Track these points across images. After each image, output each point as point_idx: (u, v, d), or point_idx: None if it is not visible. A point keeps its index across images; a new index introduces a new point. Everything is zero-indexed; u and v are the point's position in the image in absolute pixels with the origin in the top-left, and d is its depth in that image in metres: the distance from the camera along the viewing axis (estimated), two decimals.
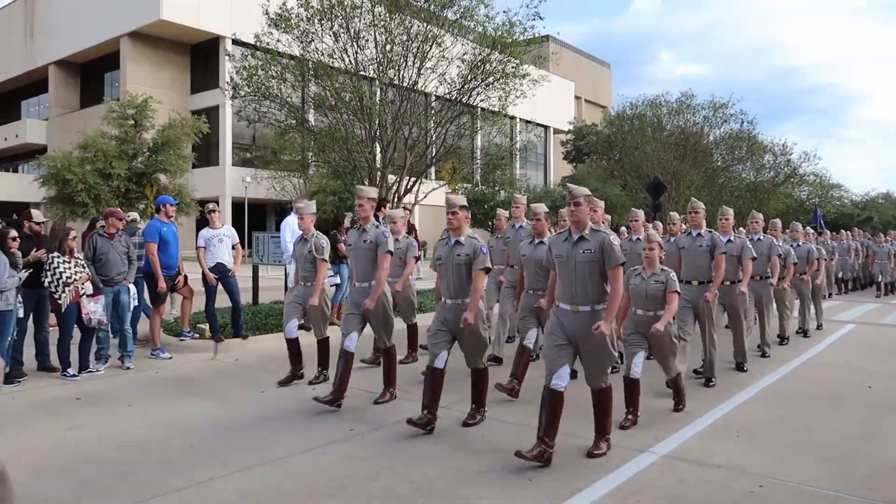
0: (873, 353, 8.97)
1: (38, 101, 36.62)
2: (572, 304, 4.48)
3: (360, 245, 5.91)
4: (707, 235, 6.82)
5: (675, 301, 5.39)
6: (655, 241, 5.53)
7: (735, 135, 30.20)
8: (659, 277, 5.46)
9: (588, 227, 4.51)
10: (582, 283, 4.44)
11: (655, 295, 5.42)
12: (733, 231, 7.66)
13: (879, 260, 18.31)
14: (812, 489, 4.08)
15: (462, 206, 5.29)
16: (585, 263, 4.44)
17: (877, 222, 37.87)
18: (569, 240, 4.57)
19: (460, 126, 17.38)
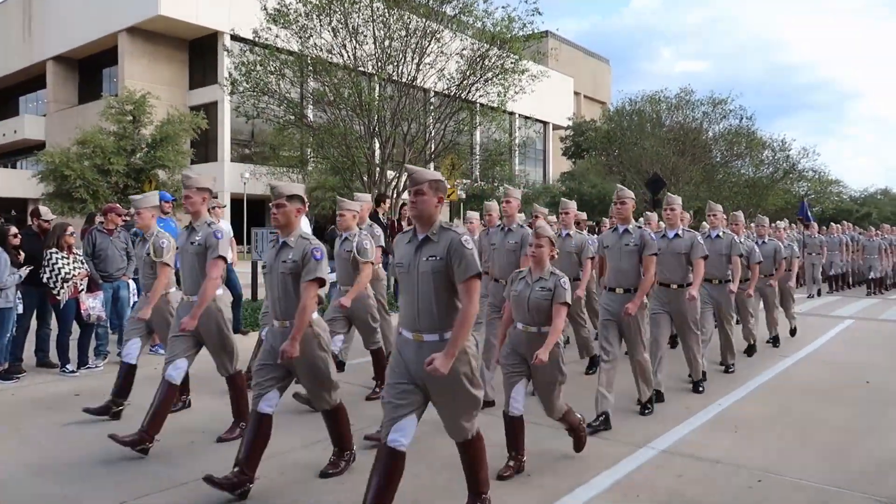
0: (871, 349, 8.99)
1: (36, 97, 36.54)
2: (414, 331, 3.24)
3: (187, 248, 4.69)
4: (636, 232, 5.38)
5: (563, 316, 4.17)
6: (545, 235, 4.30)
7: (734, 130, 30.21)
8: (546, 283, 4.22)
9: (437, 225, 3.27)
10: (426, 302, 3.21)
11: (540, 306, 4.19)
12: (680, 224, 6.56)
13: (869, 255, 17.46)
14: (811, 484, 4.09)
15: (292, 195, 3.96)
16: (429, 274, 3.19)
17: (875, 218, 37.88)
18: (412, 241, 3.31)
19: (459, 122, 17.36)
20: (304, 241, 3.92)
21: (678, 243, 6.00)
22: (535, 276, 4.28)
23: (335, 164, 16.92)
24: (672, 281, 6.05)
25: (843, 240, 17.50)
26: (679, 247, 6.00)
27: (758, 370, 7.32)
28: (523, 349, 4.23)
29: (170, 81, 29.47)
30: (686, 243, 5.99)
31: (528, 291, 4.24)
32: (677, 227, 6.10)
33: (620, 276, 5.38)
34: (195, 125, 23.06)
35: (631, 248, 5.35)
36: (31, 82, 35.78)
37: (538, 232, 4.31)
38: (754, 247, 7.86)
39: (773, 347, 8.73)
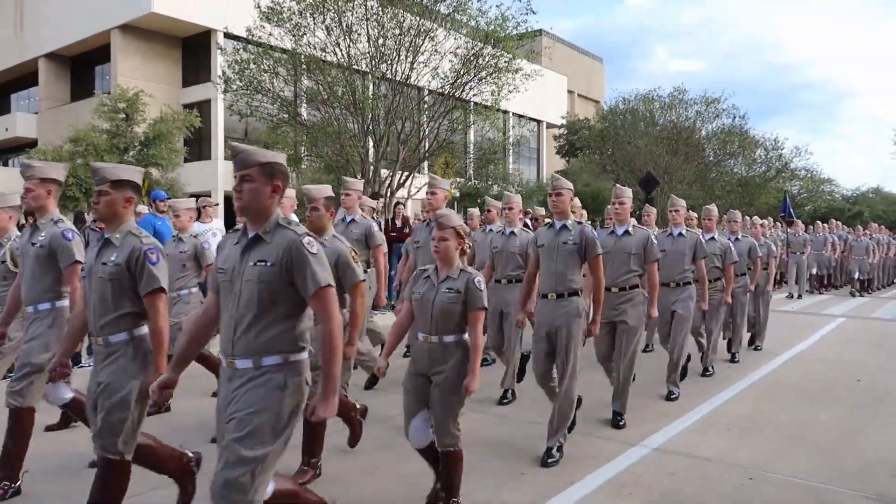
0: (863, 347, 9.05)
1: (29, 95, 36.30)
2: (229, 355, 2.62)
3: (28, 249, 3.92)
4: (576, 228, 4.55)
5: (480, 326, 3.48)
6: (450, 225, 3.53)
7: (727, 129, 30.30)
8: (454, 283, 3.50)
9: (273, 221, 2.61)
10: (247, 319, 2.64)
11: (446, 310, 3.47)
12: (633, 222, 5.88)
13: (857, 255, 16.66)
14: (802, 482, 4.12)
15: (119, 181, 3.20)
16: (254, 283, 2.59)
17: (867, 217, 38.09)
18: (240, 241, 2.67)
19: (453, 120, 17.38)
20: (133, 239, 3.19)
21: (627, 241, 5.24)
22: (441, 274, 3.56)
23: (329, 162, 16.91)
24: (623, 285, 5.20)
25: (830, 239, 16.90)
26: (629, 245, 5.23)
27: (750, 369, 7.36)
28: (423, 364, 3.55)
29: (163, 79, 29.33)
30: (637, 242, 5.23)
31: (433, 293, 3.52)
32: (626, 223, 5.34)
33: (555, 280, 4.52)
34: (188, 123, 22.98)
35: (569, 247, 4.54)
36: (22, 80, 35.53)
37: (441, 222, 3.54)
38: (730, 246, 7.08)
39: (732, 362, 7.73)
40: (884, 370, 7.51)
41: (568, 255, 4.51)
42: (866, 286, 16.92)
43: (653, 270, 5.27)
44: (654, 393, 6.12)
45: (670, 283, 6.14)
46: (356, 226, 5.96)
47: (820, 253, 16.35)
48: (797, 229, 15.63)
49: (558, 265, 4.52)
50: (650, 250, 5.25)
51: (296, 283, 2.52)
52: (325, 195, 4.21)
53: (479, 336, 3.48)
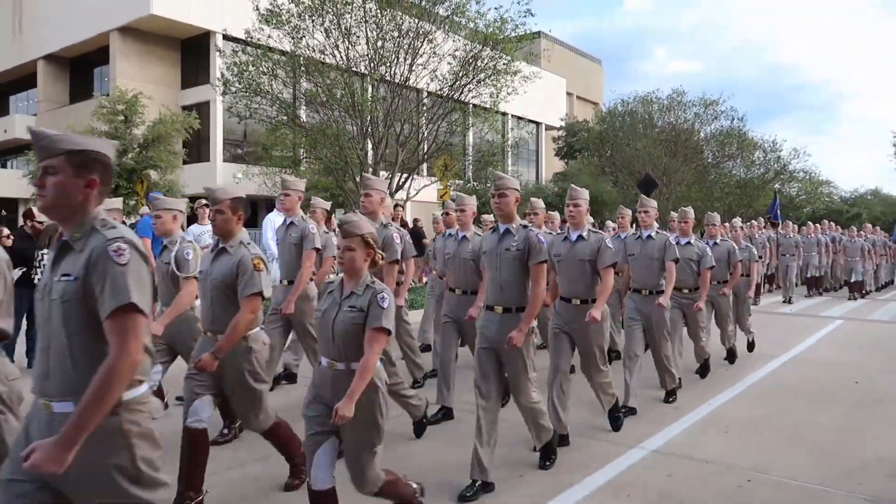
0: (861, 349, 9.06)
1: (27, 96, 36.28)
2: (45, 395, 2.09)
3: None
4: (521, 233, 4.06)
5: (378, 349, 2.96)
6: (356, 233, 3.06)
7: (726, 131, 30.33)
8: (358, 300, 3.02)
9: (88, 226, 2.14)
10: (58, 351, 2.04)
11: (347, 332, 3.01)
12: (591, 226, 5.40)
13: (851, 257, 15.91)
14: (799, 483, 4.13)
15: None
16: (58, 303, 2.05)
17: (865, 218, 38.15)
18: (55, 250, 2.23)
19: (452, 122, 17.40)
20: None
21: (581, 247, 4.74)
22: (346, 289, 3.08)
23: (328, 164, 16.91)
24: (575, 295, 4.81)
25: (822, 240, 16.29)
26: (582, 251, 4.72)
27: (748, 371, 7.38)
28: (328, 395, 3.06)
29: (161, 81, 29.33)
30: (592, 248, 4.73)
31: (335, 312, 3.05)
32: (582, 227, 4.84)
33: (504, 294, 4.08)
34: (187, 125, 22.98)
35: (512, 253, 4.12)
36: (21, 81, 35.52)
37: (346, 229, 3.07)
38: (707, 249, 6.72)
39: (730, 364, 7.75)
40: (882, 372, 7.53)
41: (511, 263, 3.99)
42: (860, 289, 16.10)
43: (607, 276, 4.70)
44: (652, 395, 6.13)
45: (643, 290, 5.90)
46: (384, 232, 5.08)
47: (810, 255, 15.66)
48: (787, 231, 15.12)
49: (502, 273, 4.03)
50: (602, 254, 4.69)
51: (96, 298, 1.97)
52: (232, 196, 3.73)
53: (373, 360, 2.93)
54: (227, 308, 3.66)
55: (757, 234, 13.88)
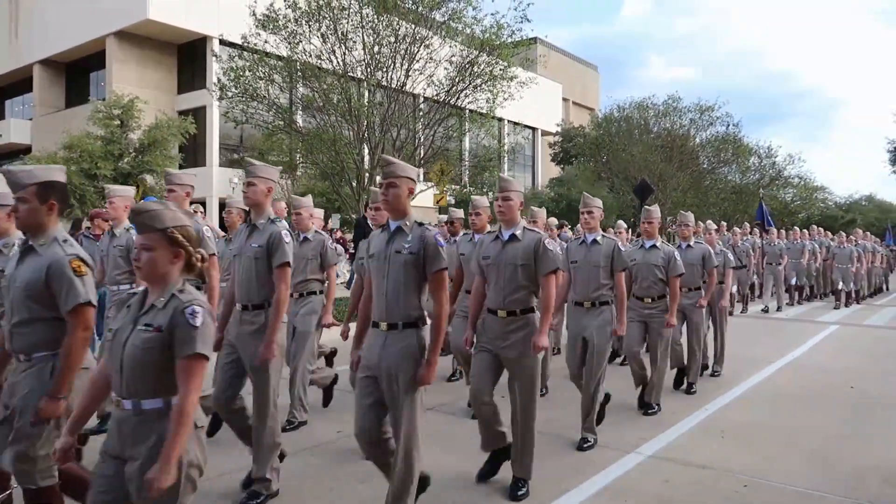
0: (856, 354, 9.07)
1: (23, 101, 36.22)
2: None
3: None
4: (415, 232, 3.34)
5: (194, 381, 2.22)
6: (157, 228, 2.35)
7: (721, 137, 30.47)
8: (157, 316, 2.29)
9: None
10: None
11: (140, 360, 2.29)
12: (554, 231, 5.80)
13: (840, 264, 14.99)
14: (796, 489, 4.13)
15: None
16: None
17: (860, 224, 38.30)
18: None
19: (448, 128, 17.43)
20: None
21: (513, 250, 4.00)
22: (147, 302, 2.36)
23: (324, 169, 16.92)
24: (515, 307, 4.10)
25: (810, 247, 15.40)
26: (512, 255, 4.00)
27: (744, 376, 7.37)
28: (115, 444, 2.34)
29: (158, 86, 29.32)
30: (525, 250, 4.00)
31: (127, 332, 2.32)
32: (516, 223, 4.14)
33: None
34: (183, 130, 22.97)
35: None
36: (17, 86, 35.48)
37: (140, 220, 2.37)
38: (674, 253, 5.83)
39: (713, 376, 7.25)
40: (877, 377, 7.54)
41: (401, 269, 3.26)
42: (854, 297, 15.37)
43: (548, 284, 3.96)
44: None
45: (584, 303, 4.97)
46: None
47: (798, 261, 14.82)
48: (772, 238, 14.28)
49: (388, 283, 3.28)
50: (543, 259, 3.94)
51: None
52: (40, 180, 2.93)
53: (191, 400, 2.19)
54: (34, 325, 2.87)
55: (740, 240, 13.07)
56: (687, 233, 6.72)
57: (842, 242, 15.57)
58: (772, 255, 13.93)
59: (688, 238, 6.70)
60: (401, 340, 3.24)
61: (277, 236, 3.80)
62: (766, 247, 14.12)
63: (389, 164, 3.37)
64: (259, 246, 3.83)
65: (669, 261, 5.76)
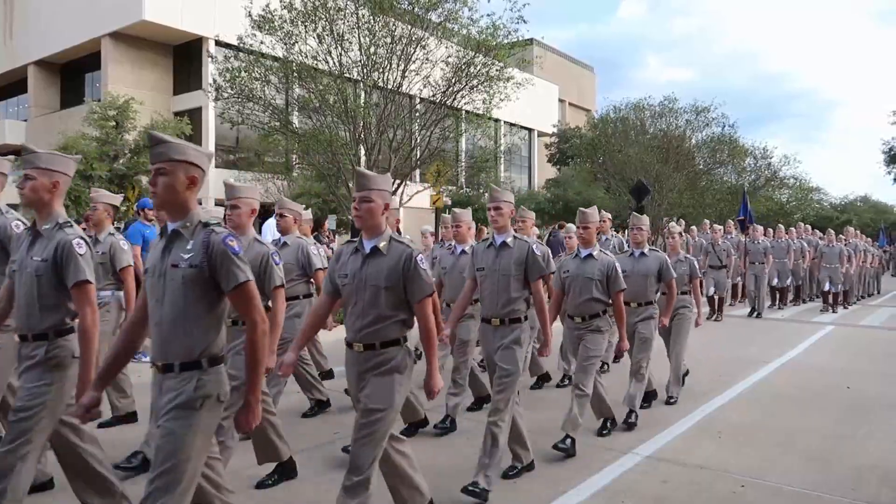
0: (852, 354, 9.10)
1: (18, 102, 36.11)
2: None
3: None
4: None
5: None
6: None
7: (717, 138, 30.51)
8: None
9: None
10: None
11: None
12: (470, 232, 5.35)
13: (828, 263, 14.01)
14: (793, 489, 4.13)
15: None
16: None
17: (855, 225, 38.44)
18: None
19: (445, 129, 17.42)
20: None
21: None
22: None
23: (321, 170, 16.90)
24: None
25: (797, 245, 14.67)
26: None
27: (741, 377, 7.38)
28: None
29: (153, 87, 29.25)
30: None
31: None
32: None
33: None
34: (179, 131, 22.90)
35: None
36: (11, 87, 35.37)
37: None
38: (615, 265, 4.81)
39: (668, 404, 6.12)
40: (873, 377, 7.55)
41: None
42: (841, 300, 14.48)
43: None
44: (646, 400, 6.11)
45: (491, 320, 4.17)
46: None
47: (782, 262, 14.04)
48: (756, 235, 13.44)
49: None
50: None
51: None
52: None
53: None
54: None
55: (721, 239, 12.57)
56: (640, 238, 5.75)
57: (830, 241, 14.52)
58: (755, 254, 13.22)
59: (641, 244, 5.76)
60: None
61: (67, 246, 3.07)
62: (748, 245, 13.42)
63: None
64: (42, 259, 3.07)
65: (609, 273, 4.77)
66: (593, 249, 4.84)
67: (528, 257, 4.09)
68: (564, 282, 4.94)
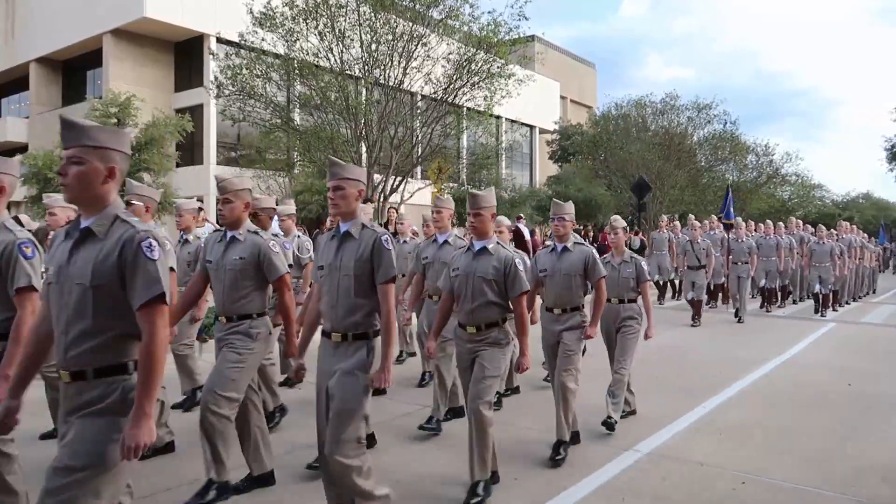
0: (853, 352, 9.09)
1: (20, 99, 36.13)
2: None
3: None
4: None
5: None
6: None
7: (718, 135, 30.47)
8: None
9: None
10: None
11: None
12: None
13: (818, 262, 12.79)
14: (793, 486, 4.13)
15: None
16: None
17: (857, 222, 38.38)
18: None
19: (446, 126, 17.43)
20: None
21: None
22: None
23: (322, 167, 16.92)
24: None
25: (786, 242, 13.53)
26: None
27: (741, 374, 7.38)
28: None
29: (155, 84, 29.25)
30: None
31: None
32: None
33: None
34: (181, 128, 22.92)
35: None
36: (13, 84, 35.39)
37: None
38: (517, 262, 3.84)
39: (607, 431, 5.06)
40: (874, 375, 7.55)
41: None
42: (829, 302, 13.23)
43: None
44: (646, 398, 6.12)
45: (332, 335, 3.30)
46: None
47: (770, 260, 12.98)
48: (740, 233, 12.22)
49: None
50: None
51: None
52: None
53: None
54: None
55: (700, 237, 11.77)
56: (562, 230, 4.79)
57: (821, 238, 13.10)
58: (738, 253, 11.99)
59: (564, 238, 4.81)
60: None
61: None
62: (731, 243, 12.29)
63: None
64: None
65: (508, 272, 3.84)
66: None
67: None
68: None
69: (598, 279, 4.76)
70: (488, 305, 3.84)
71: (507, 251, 3.95)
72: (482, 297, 3.84)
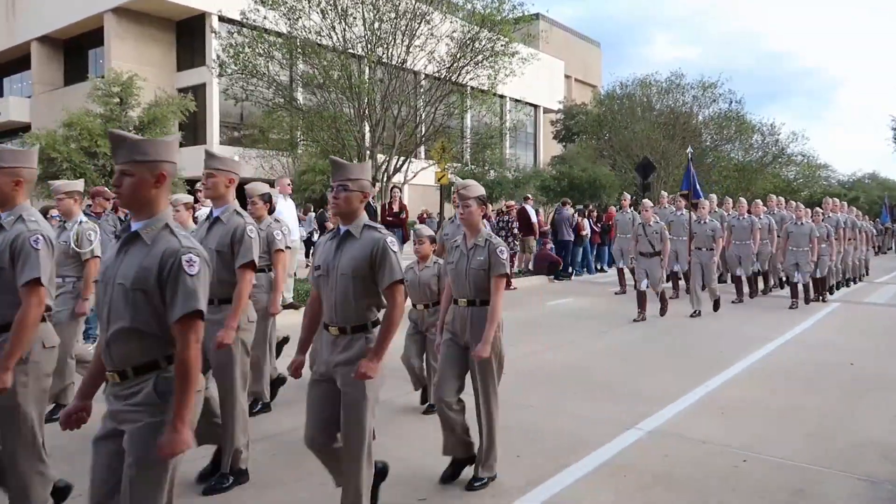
0: (856, 332, 9.10)
1: (21, 78, 36.03)
2: None
3: None
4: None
5: None
6: None
7: (724, 114, 30.26)
8: None
9: None
10: None
11: None
12: None
13: (795, 246, 10.80)
14: (795, 464, 4.16)
15: None
16: None
17: (863, 202, 38.18)
18: None
19: (450, 105, 17.34)
20: None
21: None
22: None
23: (325, 147, 16.87)
24: None
25: (764, 222, 11.78)
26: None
27: (743, 353, 7.40)
28: None
29: (157, 63, 29.12)
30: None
31: None
32: None
33: None
34: (183, 107, 22.84)
35: None
36: (15, 63, 35.27)
37: None
38: (384, 243, 3.05)
39: None
40: (876, 354, 7.56)
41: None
42: (813, 294, 11.40)
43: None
44: (648, 376, 6.15)
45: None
46: None
47: (745, 244, 11.35)
48: (702, 214, 10.50)
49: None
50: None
51: None
52: None
53: None
54: None
55: (653, 220, 9.45)
56: (478, 216, 3.90)
57: (800, 218, 11.02)
58: (701, 238, 10.35)
59: (469, 222, 3.90)
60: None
61: None
62: (694, 226, 10.61)
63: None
64: None
65: (376, 256, 3.10)
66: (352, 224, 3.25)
67: None
68: None
69: None
70: None
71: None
72: None
